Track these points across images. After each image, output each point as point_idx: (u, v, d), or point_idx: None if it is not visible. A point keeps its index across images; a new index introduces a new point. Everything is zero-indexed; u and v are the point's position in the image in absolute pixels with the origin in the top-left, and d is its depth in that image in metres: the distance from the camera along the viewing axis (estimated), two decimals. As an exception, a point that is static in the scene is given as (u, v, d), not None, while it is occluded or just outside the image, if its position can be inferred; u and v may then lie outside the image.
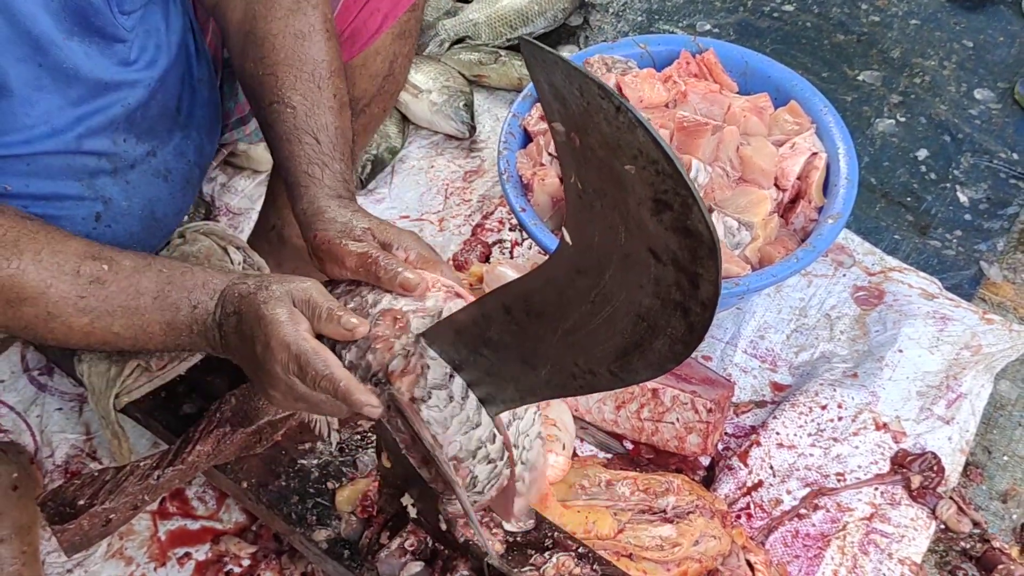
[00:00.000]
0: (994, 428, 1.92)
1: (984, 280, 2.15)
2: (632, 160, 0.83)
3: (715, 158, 1.94)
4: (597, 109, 0.83)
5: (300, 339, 1.12)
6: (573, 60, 2.12)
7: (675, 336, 0.95)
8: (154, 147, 1.45)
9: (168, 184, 1.49)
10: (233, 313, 1.18)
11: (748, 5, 2.71)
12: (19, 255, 1.15)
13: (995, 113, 2.46)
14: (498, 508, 1.29)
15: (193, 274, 1.22)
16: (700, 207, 0.82)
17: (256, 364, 1.17)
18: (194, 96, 1.51)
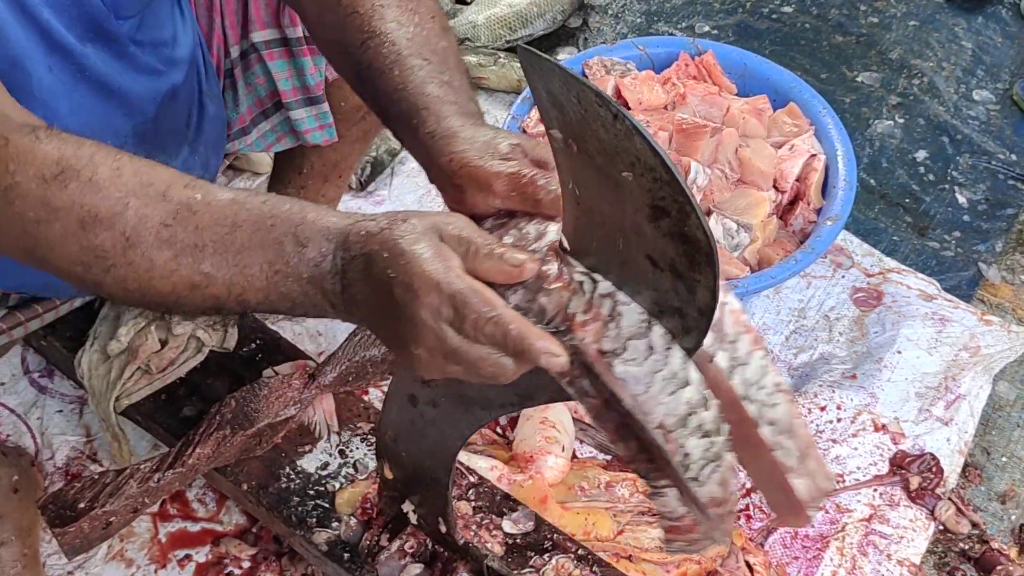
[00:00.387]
0: (993, 429, 1.92)
1: (983, 281, 2.15)
2: (630, 167, 0.84)
3: (714, 160, 1.95)
4: (595, 116, 0.83)
5: (453, 276, 0.89)
6: (572, 63, 2.13)
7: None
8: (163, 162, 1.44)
9: None
10: (360, 255, 0.93)
11: (747, 7, 2.71)
12: (94, 168, 0.97)
13: (994, 114, 2.46)
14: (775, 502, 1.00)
15: (303, 208, 0.98)
16: (697, 214, 0.83)
17: (394, 315, 0.92)
18: (202, 111, 1.51)
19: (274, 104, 1.66)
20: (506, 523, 1.55)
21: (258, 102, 1.65)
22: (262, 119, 1.68)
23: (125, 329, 1.67)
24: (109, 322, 1.72)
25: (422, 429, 1.34)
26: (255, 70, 1.61)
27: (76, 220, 0.97)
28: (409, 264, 0.89)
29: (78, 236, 0.97)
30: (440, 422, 1.31)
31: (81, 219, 0.97)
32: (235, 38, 1.59)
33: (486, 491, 1.59)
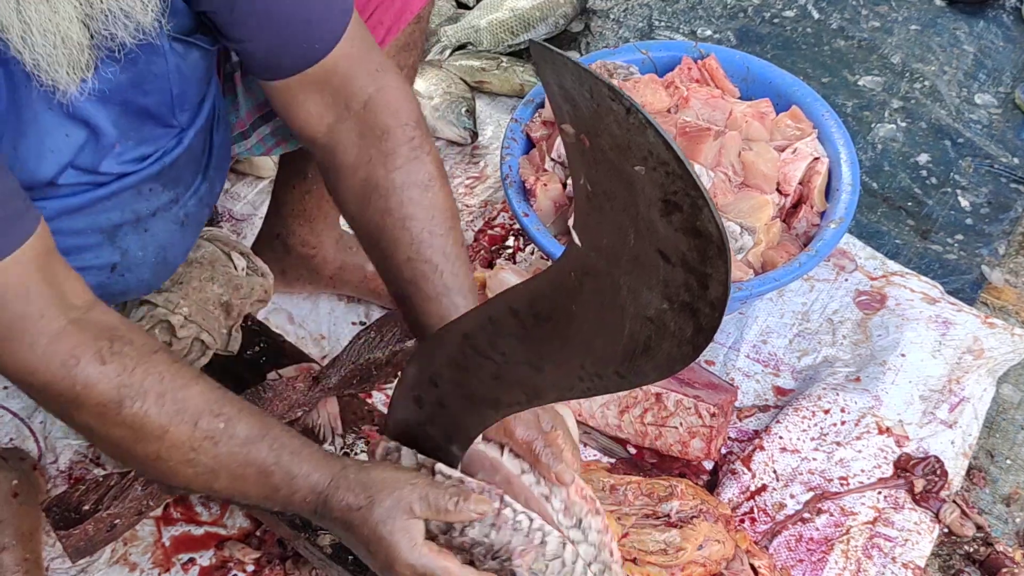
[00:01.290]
0: (997, 432, 1.92)
1: (986, 284, 2.15)
2: (642, 161, 0.84)
3: (717, 163, 1.95)
4: (607, 111, 0.83)
5: (422, 557, 1.18)
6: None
7: (683, 337, 0.95)
8: (177, 194, 1.45)
9: (183, 229, 1.49)
10: (339, 521, 1.22)
11: (749, 11, 2.71)
12: (144, 396, 1.17)
13: (996, 118, 2.46)
14: None
15: (301, 460, 1.23)
16: (710, 208, 0.83)
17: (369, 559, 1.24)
18: (213, 139, 1.51)
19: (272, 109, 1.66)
20: (511, 525, 1.55)
21: (257, 106, 1.65)
22: (261, 123, 1.68)
23: (129, 331, 1.66)
24: (113, 325, 1.72)
25: (429, 430, 1.33)
26: None
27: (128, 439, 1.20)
28: (389, 549, 1.18)
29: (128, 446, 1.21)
30: (447, 423, 1.30)
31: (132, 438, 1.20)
32: None
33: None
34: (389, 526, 1.18)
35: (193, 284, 1.69)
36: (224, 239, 1.79)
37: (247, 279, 1.75)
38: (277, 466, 1.22)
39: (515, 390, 1.18)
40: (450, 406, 1.27)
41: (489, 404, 1.22)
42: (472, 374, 1.20)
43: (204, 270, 1.71)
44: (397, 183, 1.36)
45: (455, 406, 1.26)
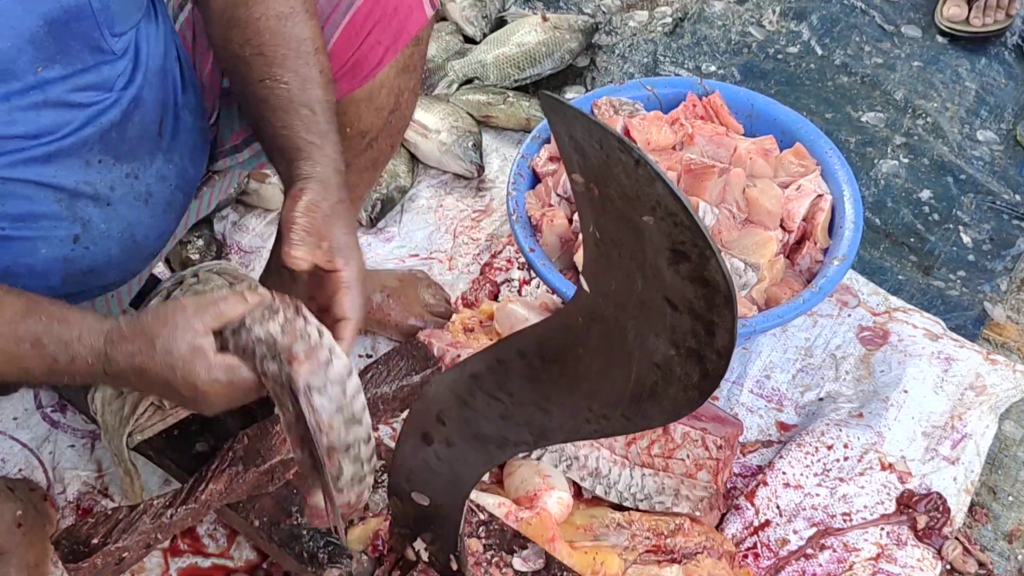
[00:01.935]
0: (999, 469, 1.93)
1: (988, 321, 2.16)
2: (650, 211, 0.85)
3: (722, 200, 1.96)
4: (616, 162, 0.85)
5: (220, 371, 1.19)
6: (580, 103, 2.15)
7: (689, 383, 0.97)
8: (134, 169, 1.44)
9: (149, 207, 1.48)
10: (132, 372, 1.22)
11: (753, 47, 2.74)
12: None
13: (997, 155, 2.48)
14: None
15: (70, 326, 1.23)
16: (718, 258, 0.84)
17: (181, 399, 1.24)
18: (178, 122, 1.51)
19: None
20: (516, 561, 1.56)
21: None
22: (254, 139, 1.69)
23: (138, 365, 1.68)
24: (122, 357, 1.73)
25: (436, 467, 1.35)
26: None
27: None
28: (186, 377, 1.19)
29: None
30: (454, 461, 1.32)
31: None
32: None
33: (496, 529, 1.59)
34: (176, 355, 1.18)
35: (202, 318, 1.70)
36: (232, 272, 1.81)
37: (255, 312, 1.76)
38: (48, 335, 1.21)
39: (522, 430, 1.19)
40: (457, 444, 1.28)
41: (496, 443, 1.24)
42: (480, 413, 1.21)
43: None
44: (255, 15, 1.41)
45: (462, 444, 1.28)
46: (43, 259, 1.38)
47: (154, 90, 1.45)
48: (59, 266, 1.40)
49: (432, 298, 2.07)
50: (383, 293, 2.03)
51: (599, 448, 1.75)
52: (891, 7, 2.83)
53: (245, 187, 2.28)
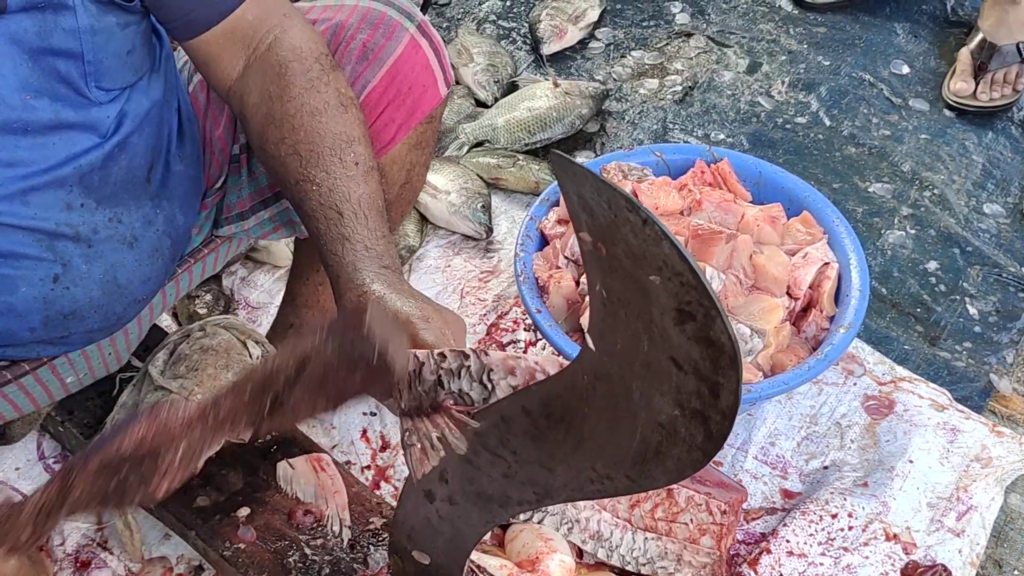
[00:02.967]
0: (1005, 542, 1.92)
1: (994, 393, 2.16)
2: (657, 271, 0.86)
3: (728, 265, 1.97)
4: (624, 221, 0.86)
5: None
6: (590, 167, 2.17)
7: (694, 444, 0.97)
8: (117, 213, 1.45)
9: (134, 251, 1.49)
10: None
11: (762, 116, 2.77)
12: None
13: (1004, 228, 2.49)
14: None
15: None
16: (723, 319, 0.85)
17: None
18: (168, 169, 1.52)
19: (274, 194, 1.70)
20: (517, 623, 1.54)
21: (259, 191, 1.68)
22: (261, 208, 1.71)
23: (143, 417, 1.68)
24: (127, 410, 1.74)
25: (437, 526, 1.34)
26: None
27: None
28: None
29: None
30: (456, 519, 1.31)
31: None
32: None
33: (497, 590, 1.58)
34: None
35: (208, 371, 1.71)
36: (240, 327, 1.82)
37: (261, 368, 1.77)
38: None
39: (525, 489, 1.19)
40: (460, 502, 1.28)
41: (499, 502, 1.23)
42: (483, 472, 1.21)
43: (219, 358, 1.73)
44: (290, 112, 1.41)
45: (465, 502, 1.27)
46: (22, 298, 1.38)
47: (145, 136, 1.46)
48: (39, 306, 1.40)
49: (438, 357, 2.07)
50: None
51: (601, 511, 1.74)
52: (899, 80, 2.86)
53: (254, 243, 2.30)
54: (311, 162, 1.39)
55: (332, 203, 1.37)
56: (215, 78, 1.47)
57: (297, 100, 1.41)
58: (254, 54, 1.44)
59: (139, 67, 1.44)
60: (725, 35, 3.00)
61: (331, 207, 1.37)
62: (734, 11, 3.08)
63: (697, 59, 2.93)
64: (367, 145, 1.44)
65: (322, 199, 1.38)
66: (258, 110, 1.44)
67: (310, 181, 1.39)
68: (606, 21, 3.04)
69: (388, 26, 1.58)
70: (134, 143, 1.44)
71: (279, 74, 1.42)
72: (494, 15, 3.08)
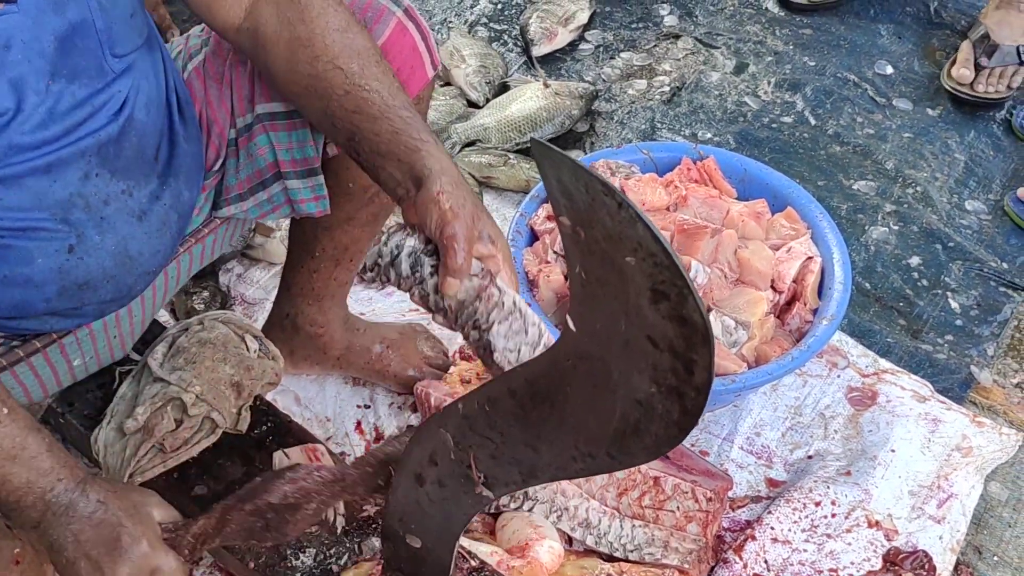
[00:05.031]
0: (984, 529, 1.96)
1: (975, 384, 2.20)
2: (632, 252, 0.90)
3: (714, 260, 2.02)
4: (601, 205, 0.90)
5: None
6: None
7: (670, 420, 1.01)
8: (129, 187, 1.48)
9: (143, 224, 1.52)
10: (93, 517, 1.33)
11: (748, 116, 2.81)
12: None
13: (986, 224, 2.54)
14: None
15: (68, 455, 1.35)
16: (695, 297, 0.89)
17: None
18: (174, 148, 1.56)
19: (273, 175, 1.72)
20: (506, 606, 1.58)
21: (257, 172, 1.71)
22: (260, 188, 1.74)
23: (142, 408, 1.71)
24: (127, 401, 1.77)
25: (428, 509, 1.38)
26: (257, 140, 1.67)
27: None
28: None
29: None
30: (445, 502, 1.35)
31: None
32: (242, 110, 1.66)
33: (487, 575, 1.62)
34: None
35: (206, 364, 1.75)
36: (237, 322, 1.85)
37: (259, 362, 1.81)
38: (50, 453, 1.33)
39: (511, 469, 1.23)
40: (448, 485, 1.32)
41: (486, 483, 1.27)
42: (471, 453, 1.25)
43: (217, 351, 1.77)
44: (318, 31, 1.44)
45: (453, 485, 1.31)
46: (39, 269, 1.42)
47: (151, 116, 1.50)
48: (54, 276, 1.43)
49: (431, 351, 2.12)
50: (383, 345, 2.07)
51: (589, 499, 1.79)
52: (883, 80, 2.91)
53: (250, 241, 2.34)
54: (356, 72, 1.42)
55: (398, 105, 1.41)
56: (220, 20, 1.50)
57: (320, 19, 1.44)
58: None
59: (141, 30, 1.48)
60: (712, 37, 3.05)
61: (400, 107, 1.40)
62: (721, 13, 3.13)
63: (685, 60, 2.98)
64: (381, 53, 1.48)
65: (385, 102, 1.41)
66: (279, 36, 1.46)
67: (364, 89, 1.41)
68: (596, 23, 3.09)
69: (376, 10, 1.62)
70: (141, 120, 1.48)
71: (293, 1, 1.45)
72: (485, 17, 3.12)
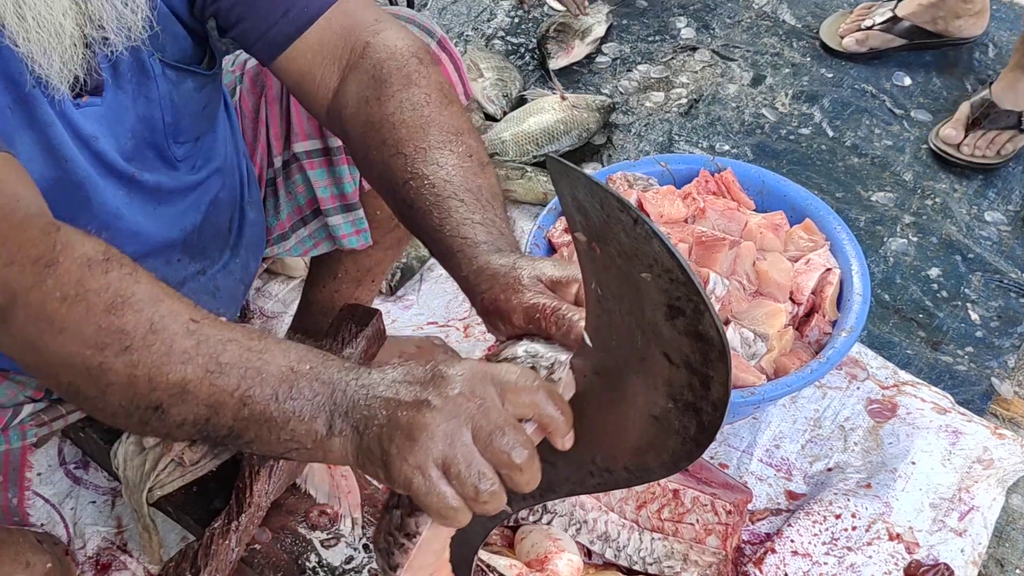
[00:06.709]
0: (1006, 542, 1.95)
1: (995, 396, 2.19)
2: (648, 269, 0.90)
3: (732, 272, 2.01)
4: (616, 221, 0.90)
5: None
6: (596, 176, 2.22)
7: (687, 435, 1.01)
8: (204, 266, 1.51)
9: (216, 301, 1.55)
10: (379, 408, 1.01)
11: (766, 128, 2.81)
12: (125, 265, 1.03)
13: (1005, 235, 2.53)
14: None
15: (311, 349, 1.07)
16: (711, 313, 0.89)
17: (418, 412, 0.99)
18: (243, 217, 1.58)
19: (312, 211, 1.74)
20: (525, 620, 1.58)
21: (297, 209, 1.73)
22: (301, 225, 1.76)
23: (162, 422, 1.72)
24: (146, 415, 1.78)
25: (446, 523, 1.38)
26: (296, 179, 1.69)
27: (105, 302, 1.00)
28: None
29: (100, 317, 0.99)
30: (463, 516, 1.35)
31: (111, 302, 1.00)
32: (278, 148, 1.68)
33: (506, 589, 1.62)
34: None
35: (225, 377, 1.76)
36: (256, 335, 1.86)
37: (277, 375, 1.81)
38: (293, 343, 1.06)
39: (529, 484, 1.23)
40: (467, 499, 1.32)
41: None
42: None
43: None
44: (388, 112, 1.29)
45: (472, 499, 1.31)
46: None
47: (227, 189, 1.52)
48: None
49: (448, 364, 2.11)
50: (401, 359, 2.08)
51: (608, 512, 1.78)
52: (901, 92, 2.90)
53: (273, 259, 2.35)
54: (418, 158, 1.25)
55: (451, 192, 1.22)
56: (312, 101, 1.39)
57: (395, 99, 1.30)
58: (348, 65, 1.35)
59: (212, 115, 1.49)
60: (729, 49, 3.05)
61: (451, 196, 1.22)
62: (738, 25, 3.13)
63: (702, 72, 2.98)
64: (478, 138, 1.31)
65: (438, 191, 1.22)
66: (356, 119, 1.33)
67: (420, 177, 1.24)
68: (613, 36, 3.09)
69: None
70: (222, 198, 1.50)
71: (374, 76, 1.32)
72: (502, 31, 3.13)
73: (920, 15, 2.92)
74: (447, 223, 1.21)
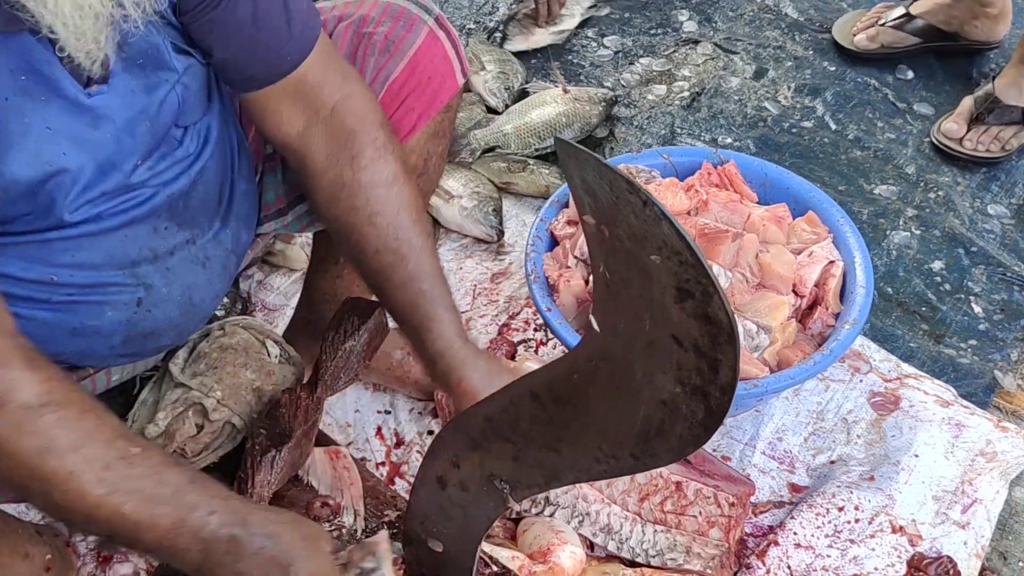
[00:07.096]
0: (1009, 534, 1.94)
1: (998, 389, 2.19)
2: (657, 251, 0.90)
3: (735, 264, 2.01)
4: (625, 203, 0.90)
5: None
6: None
7: (695, 420, 1.00)
8: (194, 235, 1.51)
9: (206, 271, 1.55)
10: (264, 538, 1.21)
11: (768, 121, 2.80)
12: (60, 408, 1.16)
13: (1008, 228, 2.52)
14: None
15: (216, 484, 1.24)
16: (720, 296, 0.89)
17: None
18: (234, 188, 1.58)
19: None
20: (528, 611, 1.58)
21: (295, 186, 1.73)
22: (298, 202, 1.75)
23: (163, 414, 1.72)
24: (148, 407, 1.78)
25: (450, 512, 1.38)
26: None
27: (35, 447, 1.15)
28: None
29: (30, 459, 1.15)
30: (468, 505, 1.35)
31: (39, 448, 1.15)
32: None
33: (509, 580, 1.62)
34: None
35: (227, 369, 1.75)
36: (258, 327, 1.86)
37: (280, 367, 1.81)
38: (194, 484, 1.20)
39: (534, 472, 1.23)
40: (471, 488, 1.32)
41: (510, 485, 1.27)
42: (493, 456, 1.25)
43: (238, 356, 1.78)
44: (363, 182, 1.49)
45: (475, 488, 1.31)
46: (108, 321, 1.46)
47: (216, 159, 1.52)
48: (122, 328, 1.47)
49: (451, 357, 2.12)
50: (403, 351, 2.07)
51: (611, 504, 1.78)
52: (903, 85, 2.89)
53: (271, 247, 2.34)
54: (390, 234, 1.47)
55: (421, 276, 1.48)
56: (271, 128, 1.53)
57: (368, 170, 1.49)
58: (316, 115, 1.50)
59: (210, 97, 1.52)
60: (732, 42, 3.04)
61: (421, 280, 1.48)
62: (740, 18, 3.12)
63: (704, 65, 2.98)
64: (424, 216, 1.55)
65: (410, 272, 1.47)
66: (325, 174, 1.51)
67: (394, 253, 1.47)
68: (615, 29, 3.09)
69: (408, 19, 1.64)
70: (210, 167, 1.51)
71: (346, 142, 1.49)
72: (504, 24, 3.12)
73: (935, 13, 2.88)
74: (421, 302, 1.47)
